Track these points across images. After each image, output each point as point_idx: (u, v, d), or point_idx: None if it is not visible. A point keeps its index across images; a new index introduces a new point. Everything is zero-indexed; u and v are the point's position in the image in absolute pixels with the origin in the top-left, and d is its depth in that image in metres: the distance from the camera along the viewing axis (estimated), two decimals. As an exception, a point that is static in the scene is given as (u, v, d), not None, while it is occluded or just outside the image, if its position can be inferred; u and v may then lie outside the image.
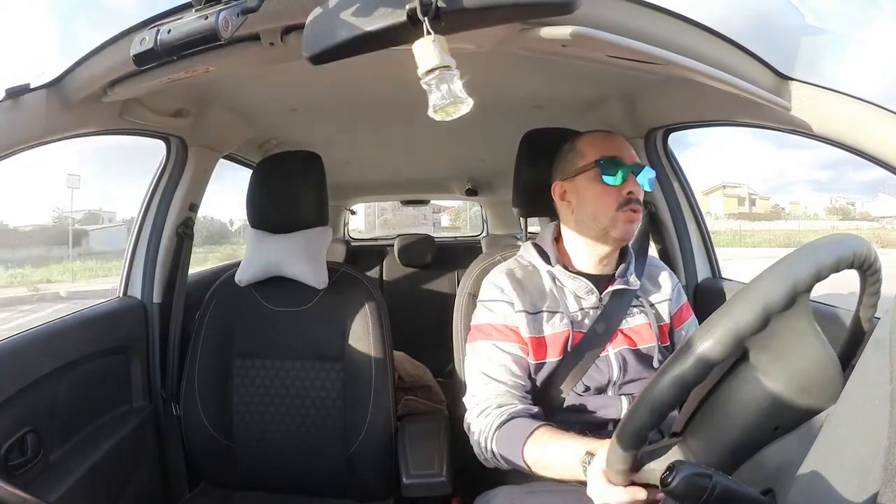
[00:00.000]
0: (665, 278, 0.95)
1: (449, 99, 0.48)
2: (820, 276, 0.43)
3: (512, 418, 0.79)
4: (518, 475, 0.86)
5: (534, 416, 0.80)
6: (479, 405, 0.83)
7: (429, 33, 0.48)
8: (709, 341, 0.42)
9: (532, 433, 0.75)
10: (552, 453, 0.72)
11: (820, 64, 0.68)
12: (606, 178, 0.83)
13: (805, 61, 0.68)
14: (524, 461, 0.75)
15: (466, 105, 0.50)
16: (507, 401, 0.81)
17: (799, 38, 0.70)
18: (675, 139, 1.28)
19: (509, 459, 0.77)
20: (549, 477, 0.73)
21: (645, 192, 0.87)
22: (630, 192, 0.83)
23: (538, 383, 0.85)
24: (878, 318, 0.48)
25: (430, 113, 0.50)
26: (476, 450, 0.84)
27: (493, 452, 0.79)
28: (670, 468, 0.40)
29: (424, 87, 0.49)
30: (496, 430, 0.79)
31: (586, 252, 0.89)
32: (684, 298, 0.95)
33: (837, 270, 0.44)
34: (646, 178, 0.84)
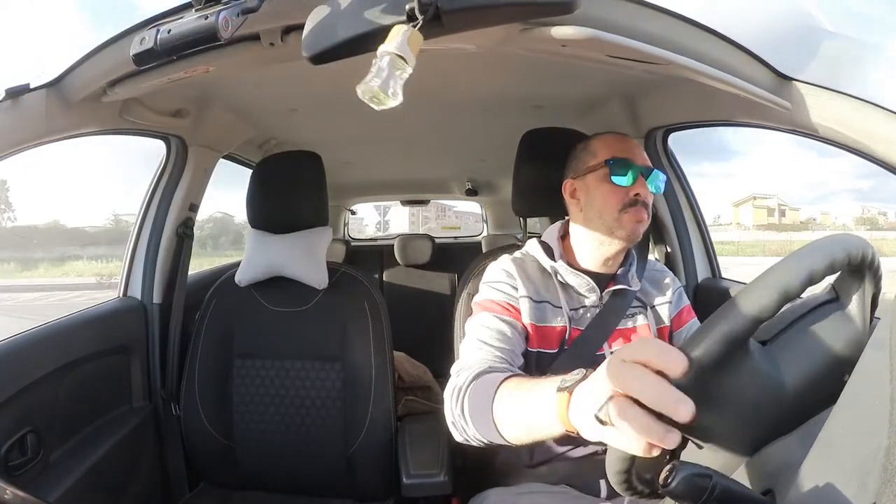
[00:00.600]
0: (666, 281, 0.95)
1: (383, 88, 0.48)
2: (813, 280, 0.43)
3: (492, 371, 0.69)
4: (509, 475, 0.86)
5: None
6: (462, 366, 0.76)
7: (421, 29, 0.48)
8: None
9: (508, 378, 0.63)
10: (525, 393, 0.58)
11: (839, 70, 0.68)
12: (615, 179, 0.84)
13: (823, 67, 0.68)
14: (492, 415, 0.61)
15: (393, 102, 0.50)
16: (495, 364, 0.75)
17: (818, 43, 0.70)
18: (716, 146, 1.27)
19: (477, 417, 0.64)
20: (517, 437, 0.59)
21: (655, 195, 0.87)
22: (637, 194, 0.83)
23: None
24: (878, 318, 0.48)
25: (358, 88, 0.49)
26: (448, 416, 0.71)
27: (462, 410, 0.66)
28: (670, 468, 0.40)
29: (373, 62, 0.48)
30: (472, 380, 0.68)
31: (592, 251, 0.89)
32: (686, 301, 0.95)
33: (833, 271, 0.44)
34: (655, 181, 0.85)
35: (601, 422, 0.40)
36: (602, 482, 0.81)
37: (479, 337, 0.81)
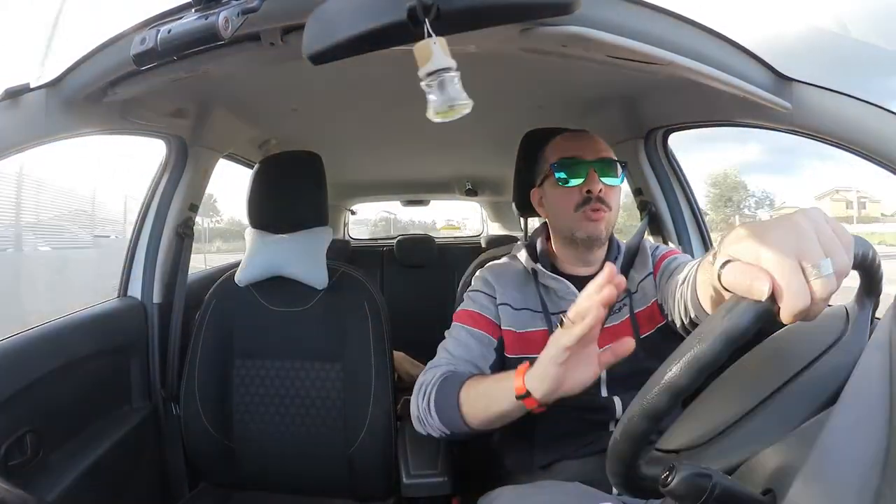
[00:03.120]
0: (645, 253, 0.93)
1: (448, 102, 0.48)
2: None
3: (456, 372, 0.79)
4: (521, 475, 0.86)
5: None
6: (430, 366, 0.84)
7: (430, 34, 0.48)
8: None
9: (472, 377, 0.76)
10: (489, 382, 0.72)
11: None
12: (562, 181, 0.84)
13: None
14: (458, 404, 0.73)
15: (467, 107, 0.50)
16: (458, 367, 0.82)
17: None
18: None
19: (444, 409, 0.75)
20: (479, 419, 0.71)
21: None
22: (588, 191, 0.82)
23: None
24: (878, 319, 0.48)
25: (430, 115, 0.50)
26: (413, 410, 0.81)
27: (428, 404, 0.77)
28: (670, 468, 0.40)
29: (424, 88, 0.49)
30: (439, 378, 0.78)
31: (568, 255, 0.90)
32: (662, 251, 0.93)
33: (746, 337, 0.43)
34: (611, 172, 0.84)
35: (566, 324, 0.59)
36: None
37: (446, 347, 0.87)
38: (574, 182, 0.83)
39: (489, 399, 0.71)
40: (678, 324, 0.75)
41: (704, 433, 0.47)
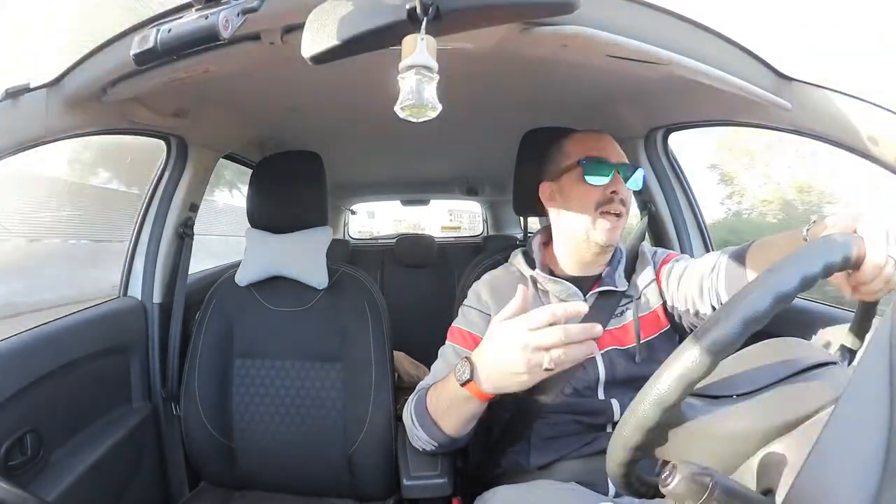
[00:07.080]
0: (647, 260, 0.92)
1: (417, 101, 0.48)
2: (808, 284, 0.42)
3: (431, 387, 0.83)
4: (518, 475, 0.86)
5: None
6: (418, 387, 0.88)
7: (425, 33, 0.48)
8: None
9: (435, 384, 0.80)
10: (442, 395, 0.76)
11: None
12: (589, 178, 0.83)
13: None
14: (427, 410, 0.79)
15: (433, 112, 0.50)
16: None
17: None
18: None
19: (423, 420, 0.81)
20: (453, 426, 0.77)
21: (636, 191, 0.87)
22: (614, 192, 0.82)
23: None
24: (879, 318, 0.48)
25: (396, 108, 0.50)
26: (407, 429, 0.87)
27: (412, 420, 0.83)
28: (670, 468, 0.40)
29: (399, 80, 0.49)
30: (416, 395, 0.85)
31: (572, 255, 0.89)
32: (662, 255, 0.93)
33: (830, 273, 0.43)
34: (632, 177, 0.84)
35: (549, 370, 0.60)
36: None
37: (434, 367, 0.90)
38: (600, 181, 0.82)
39: (448, 397, 0.74)
40: (710, 313, 0.75)
41: (746, 383, 0.46)
